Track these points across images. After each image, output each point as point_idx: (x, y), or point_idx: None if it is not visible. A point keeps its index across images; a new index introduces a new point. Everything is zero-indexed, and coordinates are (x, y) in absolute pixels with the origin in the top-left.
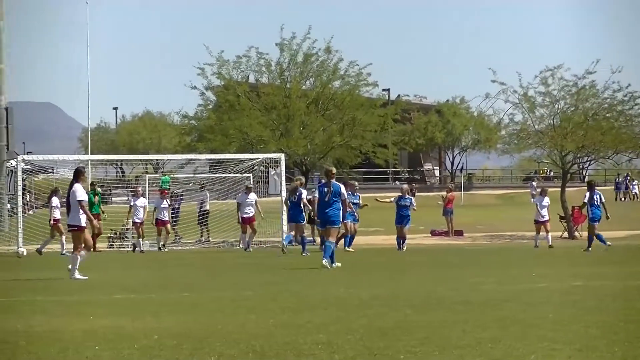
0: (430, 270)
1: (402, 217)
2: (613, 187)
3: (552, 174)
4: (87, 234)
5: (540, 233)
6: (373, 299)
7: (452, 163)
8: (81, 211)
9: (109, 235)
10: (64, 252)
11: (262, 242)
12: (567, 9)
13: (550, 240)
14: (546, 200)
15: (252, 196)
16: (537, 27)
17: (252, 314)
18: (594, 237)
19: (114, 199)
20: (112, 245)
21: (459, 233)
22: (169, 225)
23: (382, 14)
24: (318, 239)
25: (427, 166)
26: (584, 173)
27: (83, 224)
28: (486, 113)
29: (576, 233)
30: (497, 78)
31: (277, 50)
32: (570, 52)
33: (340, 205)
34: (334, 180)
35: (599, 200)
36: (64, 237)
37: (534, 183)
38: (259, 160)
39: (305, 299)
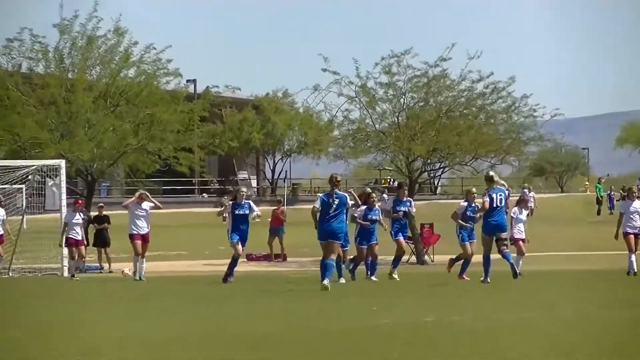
0: (247, 304)
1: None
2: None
3: (396, 183)
4: None
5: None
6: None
7: (273, 171)
8: None
9: None
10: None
11: (36, 268)
12: None
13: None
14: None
15: (147, 205)
16: (381, 6)
17: None
18: None
19: None
20: None
21: (281, 257)
22: (82, 248)
23: None
24: (106, 265)
25: (242, 175)
26: (435, 183)
27: None
28: (315, 109)
29: (426, 257)
30: (329, 66)
31: (57, 33)
32: (421, 36)
33: (345, 218)
34: (338, 190)
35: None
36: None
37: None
38: (34, 168)
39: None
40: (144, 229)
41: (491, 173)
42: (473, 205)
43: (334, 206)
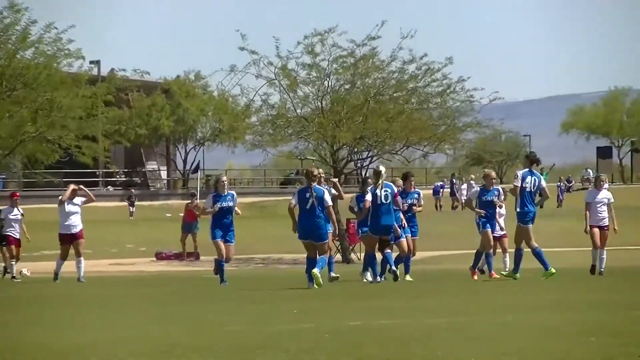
0: (154, 307)
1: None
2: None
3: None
4: None
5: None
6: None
7: (185, 161)
8: None
9: None
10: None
11: None
12: None
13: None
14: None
15: (79, 199)
16: None
17: None
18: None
19: None
20: None
21: (194, 256)
22: (13, 247)
23: None
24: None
25: (151, 165)
26: (363, 173)
27: None
28: (231, 93)
29: (353, 255)
30: (246, 45)
31: None
32: (348, 12)
33: (324, 213)
34: (316, 184)
35: None
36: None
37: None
38: None
39: None
40: (76, 227)
41: (381, 168)
42: (492, 189)
43: (311, 202)
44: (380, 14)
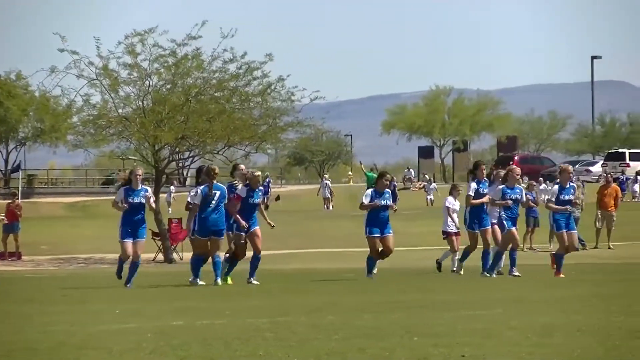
0: None
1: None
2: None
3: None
4: None
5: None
6: None
7: (7, 161)
8: None
9: None
10: None
11: None
12: None
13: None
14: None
15: None
16: None
17: None
18: None
19: None
20: None
21: (16, 255)
22: None
23: None
24: None
25: None
26: (185, 173)
27: None
28: (52, 93)
29: (175, 254)
30: (66, 46)
31: None
32: (169, 12)
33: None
34: (216, 182)
35: None
36: None
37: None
38: None
39: None
40: None
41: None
42: (568, 186)
43: (212, 199)
44: (203, 14)
